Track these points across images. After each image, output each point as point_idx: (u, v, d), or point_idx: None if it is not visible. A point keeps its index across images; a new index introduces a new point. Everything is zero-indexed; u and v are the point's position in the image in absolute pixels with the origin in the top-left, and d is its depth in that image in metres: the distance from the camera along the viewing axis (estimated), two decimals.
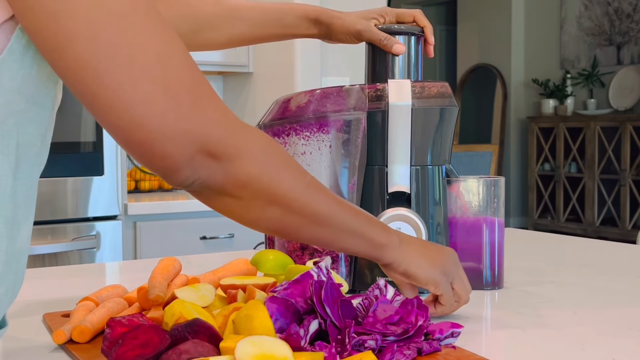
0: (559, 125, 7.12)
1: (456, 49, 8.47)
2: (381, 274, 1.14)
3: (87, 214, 2.54)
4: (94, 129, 2.54)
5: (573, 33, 7.36)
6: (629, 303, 1.11)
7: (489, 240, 1.17)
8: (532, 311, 1.05)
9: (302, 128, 1.14)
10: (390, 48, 1.17)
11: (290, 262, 1.03)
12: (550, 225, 7.16)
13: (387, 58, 1.19)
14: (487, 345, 0.92)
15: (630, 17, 6.88)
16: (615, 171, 6.65)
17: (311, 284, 0.81)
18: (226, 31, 1.19)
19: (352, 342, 0.78)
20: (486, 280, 1.18)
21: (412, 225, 1.12)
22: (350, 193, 1.14)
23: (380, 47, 1.18)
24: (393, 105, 1.13)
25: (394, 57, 1.19)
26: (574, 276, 1.31)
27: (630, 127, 6.45)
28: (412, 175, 1.14)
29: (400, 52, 1.17)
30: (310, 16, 1.21)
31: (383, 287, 0.86)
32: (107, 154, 2.55)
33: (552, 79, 7.49)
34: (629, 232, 6.42)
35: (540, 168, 7.35)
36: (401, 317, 0.82)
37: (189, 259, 1.49)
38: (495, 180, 1.17)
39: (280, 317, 0.79)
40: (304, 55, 2.85)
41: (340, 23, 1.19)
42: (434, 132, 1.16)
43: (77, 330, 0.86)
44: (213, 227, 2.72)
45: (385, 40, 1.17)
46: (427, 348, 0.81)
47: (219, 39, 1.20)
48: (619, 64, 6.97)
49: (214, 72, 3.26)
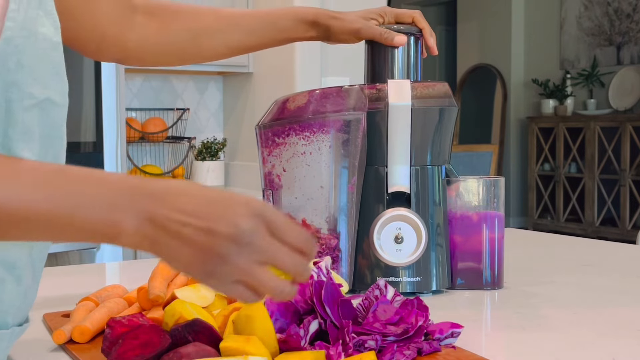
0: (558, 125, 7.11)
1: (456, 49, 8.46)
2: (382, 274, 1.14)
3: None
4: (94, 129, 2.54)
5: (573, 33, 7.36)
6: (629, 303, 1.11)
7: (489, 240, 1.17)
8: (532, 311, 1.05)
9: (302, 128, 1.14)
10: (392, 41, 1.17)
11: None
12: (550, 225, 7.16)
13: (387, 58, 1.19)
14: (487, 345, 0.92)
15: (630, 17, 6.88)
16: (615, 171, 6.64)
17: (311, 284, 0.81)
18: (224, 41, 1.19)
19: (352, 342, 0.78)
20: (486, 280, 1.18)
21: (412, 225, 1.13)
22: (350, 193, 1.14)
23: (381, 41, 1.18)
24: (393, 105, 1.13)
25: (394, 58, 1.19)
26: (574, 276, 1.31)
27: (630, 127, 6.45)
28: (412, 176, 1.14)
29: (401, 43, 1.17)
30: (307, 19, 1.20)
31: (383, 287, 0.86)
32: (107, 154, 2.55)
33: (552, 79, 7.49)
34: (628, 232, 6.42)
35: (540, 168, 7.34)
36: (401, 318, 0.82)
37: None
38: (495, 180, 1.17)
39: (280, 317, 0.80)
40: (304, 55, 2.85)
41: (339, 23, 1.19)
42: (433, 132, 1.16)
43: (77, 330, 0.86)
44: None
45: (385, 34, 1.17)
46: (427, 348, 0.81)
47: (218, 49, 1.20)
48: (618, 64, 6.97)
49: (214, 72, 3.26)
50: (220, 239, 0.60)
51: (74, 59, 2.50)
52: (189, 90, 3.28)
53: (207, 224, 0.60)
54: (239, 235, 0.60)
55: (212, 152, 3.13)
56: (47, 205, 0.61)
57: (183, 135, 3.20)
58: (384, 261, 1.13)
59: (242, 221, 0.61)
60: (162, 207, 0.61)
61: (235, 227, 0.60)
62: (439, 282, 1.16)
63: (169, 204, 0.61)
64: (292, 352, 0.76)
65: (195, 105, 3.30)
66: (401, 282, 1.13)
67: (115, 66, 2.56)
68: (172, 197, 0.62)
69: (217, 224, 0.60)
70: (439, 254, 1.16)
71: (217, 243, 0.60)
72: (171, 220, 0.60)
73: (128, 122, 2.95)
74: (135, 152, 3.16)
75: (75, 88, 2.50)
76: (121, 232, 0.61)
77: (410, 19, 1.21)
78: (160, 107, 3.21)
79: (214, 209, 0.61)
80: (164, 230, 0.60)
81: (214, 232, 0.60)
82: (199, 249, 0.60)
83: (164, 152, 3.25)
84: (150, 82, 3.20)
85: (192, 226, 0.60)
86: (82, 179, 0.64)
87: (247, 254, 0.60)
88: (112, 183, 0.63)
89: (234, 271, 0.61)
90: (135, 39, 1.11)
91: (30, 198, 0.61)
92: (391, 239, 1.12)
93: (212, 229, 0.60)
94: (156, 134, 3.09)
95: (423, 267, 1.14)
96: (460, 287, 1.18)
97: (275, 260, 0.62)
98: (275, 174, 1.17)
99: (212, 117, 3.34)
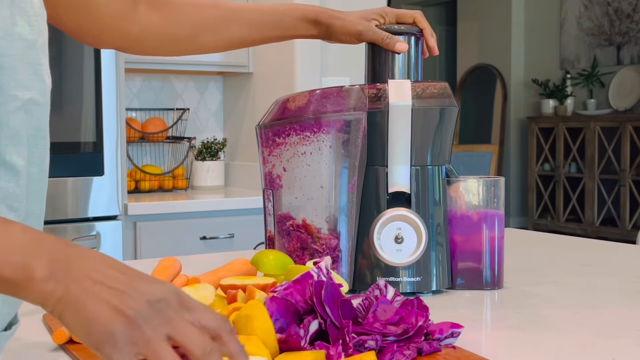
0: (558, 125, 7.11)
1: (456, 49, 8.46)
2: (382, 274, 1.14)
3: (87, 214, 2.54)
4: (94, 129, 2.54)
5: (573, 33, 7.36)
6: (629, 303, 1.11)
7: (489, 240, 1.17)
8: (532, 311, 1.05)
9: (302, 128, 1.14)
10: (393, 47, 1.17)
11: (290, 262, 1.04)
12: (550, 226, 7.16)
13: (387, 58, 1.19)
14: (487, 345, 0.92)
15: (630, 17, 6.88)
16: (615, 171, 6.64)
17: (311, 284, 0.81)
18: (225, 34, 1.20)
19: (352, 342, 0.78)
20: (486, 280, 1.18)
21: (412, 225, 1.13)
22: (350, 193, 1.14)
23: (382, 46, 1.18)
24: (393, 105, 1.13)
25: (394, 58, 1.19)
26: (574, 276, 1.31)
27: (630, 127, 6.45)
28: (412, 176, 1.14)
29: (403, 50, 1.17)
30: (309, 17, 1.20)
31: (383, 287, 0.86)
32: (107, 154, 2.55)
33: (552, 79, 7.49)
34: (628, 232, 6.42)
35: (540, 168, 7.34)
36: (401, 318, 0.82)
37: (189, 259, 1.49)
38: (495, 180, 1.17)
39: (280, 317, 0.80)
40: (304, 56, 2.85)
41: (340, 23, 1.19)
42: (434, 132, 1.16)
43: None
44: (213, 227, 2.72)
45: (387, 39, 1.17)
46: (427, 348, 0.81)
47: (218, 42, 1.20)
48: (618, 64, 6.97)
49: (214, 72, 3.26)
50: (131, 301, 0.57)
51: (74, 59, 2.50)
52: (189, 90, 3.28)
53: (121, 286, 0.58)
54: (151, 301, 0.58)
55: (212, 152, 3.13)
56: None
57: (183, 135, 3.20)
58: (384, 261, 1.13)
59: (157, 290, 0.59)
60: (79, 264, 0.59)
61: (149, 294, 0.58)
62: (439, 282, 1.16)
63: (87, 264, 0.59)
64: (292, 352, 0.76)
65: (195, 105, 3.30)
66: (401, 282, 1.13)
67: (115, 66, 2.56)
68: (90, 260, 0.60)
69: (131, 288, 0.58)
70: (439, 254, 1.16)
71: (128, 305, 0.57)
72: (87, 276, 0.58)
73: (128, 122, 2.95)
74: (135, 152, 3.16)
75: (75, 88, 2.50)
76: (31, 278, 0.57)
77: (411, 20, 1.21)
78: (160, 107, 3.21)
79: (130, 277, 0.60)
80: (77, 282, 0.57)
81: (127, 294, 0.58)
82: (109, 307, 0.57)
83: (164, 152, 3.25)
84: (150, 82, 3.20)
85: (106, 285, 0.58)
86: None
87: (155, 322, 0.57)
88: (30, 233, 0.61)
89: (137, 338, 0.56)
90: (137, 30, 1.12)
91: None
92: (391, 239, 1.12)
93: (125, 292, 0.58)
94: (156, 134, 3.09)
95: (423, 267, 1.14)
96: (460, 287, 1.18)
97: (182, 335, 0.57)
98: (276, 174, 1.17)
99: (212, 117, 3.34)
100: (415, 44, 1.20)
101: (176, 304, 0.59)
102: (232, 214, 2.76)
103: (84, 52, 2.51)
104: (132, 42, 1.13)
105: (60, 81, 2.48)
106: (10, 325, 0.79)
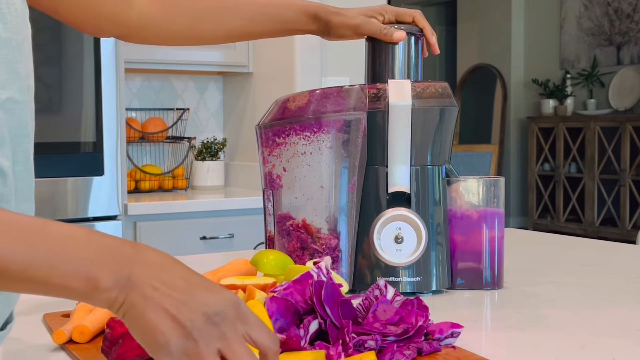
0: (558, 125, 7.11)
1: (456, 49, 8.46)
2: (382, 274, 1.14)
3: (87, 214, 2.54)
4: (94, 129, 2.54)
5: (573, 33, 7.36)
6: (629, 303, 1.11)
7: (489, 240, 1.17)
8: (532, 311, 1.05)
9: (302, 128, 1.14)
10: (391, 36, 1.17)
11: (290, 262, 1.04)
12: (550, 226, 7.16)
13: (387, 58, 1.19)
14: (487, 345, 0.92)
15: (630, 17, 6.88)
16: (615, 171, 6.64)
17: (311, 284, 0.81)
18: (225, 25, 1.20)
19: (352, 342, 0.78)
20: (486, 280, 1.18)
21: (412, 225, 1.13)
22: (350, 193, 1.14)
23: (380, 37, 1.18)
24: (393, 105, 1.13)
25: (394, 58, 1.19)
26: (574, 276, 1.31)
27: (630, 127, 6.44)
28: (412, 176, 1.14)
29: (401, 38, 1.17)
30: (309, 12, 1.21)
31: (383, 287, 0.86)
32: (107, 154, 2.55)
33: (552, 79, 7.49)
34: (628, 232, 6.42)
35: (540, 168, 7.34)
36: (401, 318, 0.82)
37: (189, 259, 1.49)
38: (495, 180, 1.17)
39: (280, 317, 0.79)
40: (304, 55, 2.85)
41: (339, 18, 1.20)
42: (433, 132, 1.16)
43: (77, 330, 0.86)
44: (213, 227, 2.72)
45: (384, 29, 1.17)
46: (427, 348, 0.81)
47: (217, 32, 1.20)
48: (618, 64, 6.97)
49: (214, 72, 3.26)
50: (189, 312, 0.59)
51: (74, 59, 2.50)
52: (189, 90, 3.28)
53: (181, 295, 0.60)
54: (209, 314, 0.60)
55: (212, 152, 3.13)
56: (24, 259, 0.59)
57: (183, 135, 3.20)
58: (384, 261, 1.13)
59: (216, 301, 0.61)
60: (141, 270, 0.61)
61: (207, 306, 0.60)
62: (439, 282, 1.16)
63: (149, 271, 0.61)
64: (292, 352, 0.76)
65: (195, 105, 3.30)
66: (401, 282, 1.13)
67: (115, 66, 2.56)
68: (152, 267, 0.62)
69: (190, 298, 0.60)
70: (439, 254, 1.16)
71: (186, 316, 0.59)
72: (148, 284, 0.60)
73: (128, 122, 2.95)
74: (135, 152, 3.16)
75: (75, 88, 2.50)
76: (97, 288, 0.60)
77: (410, 18, 1.21)
78: (160, 107, 3.21)
79: (191, 285, 0.61)
80: (139, 290, 0.60)
81: (185, 304, 0.60)
82: (167, 316, 0.59)
83: (164, 152, 3.25)
84: (150, 82, 3.20)
85: (166, 294, 0.60)
86: (65, 236, 0.63)
87: (209, 336, 0.59)
88: (95, 240, 0.63)
89: (191, 350, 0.59)
90: (136, 19, 1.12)
91: (11, 251, 0.59)
92: (391, 239, 1.12)
93: (184, 301, 0.60)
94: (156, 134, 3.09)
95: (423, 267, 1.14)
96: (460, 287, 1.18)
97: (232, 353, 0.59)
98: (276, 174, 1.17)
99: (212, 117, 3.34)
100: (415, 43, 1.20)
101: (233, 317, 0.61)
102: (232, 214, 2.75)
103: (84, 52, 2.51)
104: (132, 29, 1.13)
105: (60, 81, 2.48)
106: (6, 324, 0.79)
